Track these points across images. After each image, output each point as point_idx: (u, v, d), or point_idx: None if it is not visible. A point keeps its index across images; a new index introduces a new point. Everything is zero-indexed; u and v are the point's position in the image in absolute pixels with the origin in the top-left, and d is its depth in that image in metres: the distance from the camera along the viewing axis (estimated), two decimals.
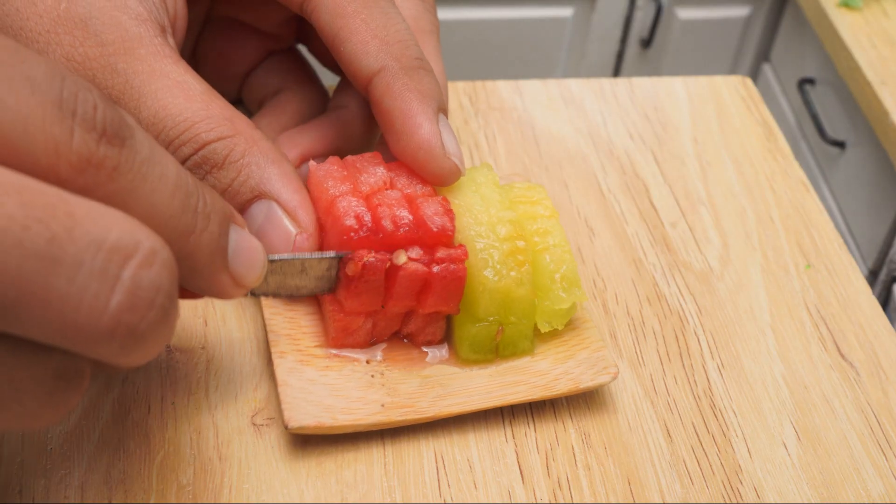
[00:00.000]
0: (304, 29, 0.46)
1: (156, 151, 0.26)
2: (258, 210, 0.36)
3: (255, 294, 0.33)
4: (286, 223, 0.36)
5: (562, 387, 0.37)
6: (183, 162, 0.34)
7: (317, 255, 0.34)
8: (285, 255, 0.33)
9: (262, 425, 0.36)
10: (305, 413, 0.34)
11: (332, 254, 0.34)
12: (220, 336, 0.38)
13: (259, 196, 0.35)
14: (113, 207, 0.24)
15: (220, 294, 0.30)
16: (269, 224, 0.36)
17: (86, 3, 0.35)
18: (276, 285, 0.33)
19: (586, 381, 0.37)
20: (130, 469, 0.34)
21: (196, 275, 0.28)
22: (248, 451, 0.35)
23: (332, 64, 0.45)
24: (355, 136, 0.42)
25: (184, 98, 0.34)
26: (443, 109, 0.38)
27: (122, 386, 0.36)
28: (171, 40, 0.37)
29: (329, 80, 0.46)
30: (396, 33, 0.38)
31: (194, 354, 0.37)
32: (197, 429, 0.35)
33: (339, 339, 0.36)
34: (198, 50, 0.45)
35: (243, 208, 0.36)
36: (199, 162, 0.34)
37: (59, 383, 0.24)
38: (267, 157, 0.36)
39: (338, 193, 0.35)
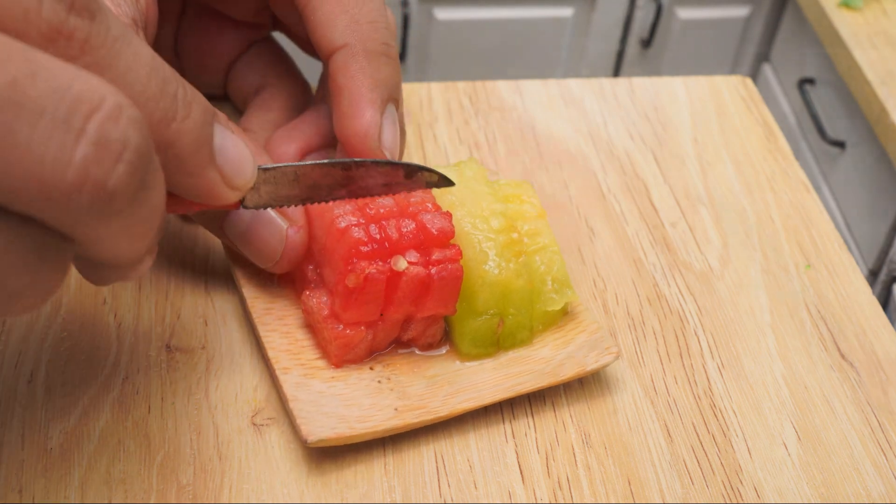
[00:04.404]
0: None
1: (128, 32, 0.25)
2: (244, 209, 0.36)
3: (246, 206, 0.32)
4: (275, 218, 0.36)
5: (567, 371, 0.37)
6: None
7: (310, 161, 0.33)
8: (278, 164, 0.32)
9: (262, 425, 0.36)
10: (322, 426, 0.34)
11: (325, 161, 0.33)
12: (220, 336, 0.38)
13: None
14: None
15: (211, 194, 0.29)
16: (258, 222, 0.36)
17: None
18: (269, 196, 0.32)
19: (591, 364, 0.37)
20: (130, 469, 0.34)
21: (182, 169, 0.27)
22: (248, 451, 0.35)
23: (313, 50, 0.45)
24: None
25: None
26: (394, 100, 0.38)
27: (122, 386, 0.36)
28: (140, 35, 0.37)
29: (310, 69, 0.46)
30: (369, 13, 0.37)
31: (194, 354, 0.37)
32: (197, 429, 0.35)
33: (341, 356, 0.36)
34: (178, 44, 0.45)
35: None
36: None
37: (39, 258, 0.24)
38: None
39: (340, 212, 0.35)
